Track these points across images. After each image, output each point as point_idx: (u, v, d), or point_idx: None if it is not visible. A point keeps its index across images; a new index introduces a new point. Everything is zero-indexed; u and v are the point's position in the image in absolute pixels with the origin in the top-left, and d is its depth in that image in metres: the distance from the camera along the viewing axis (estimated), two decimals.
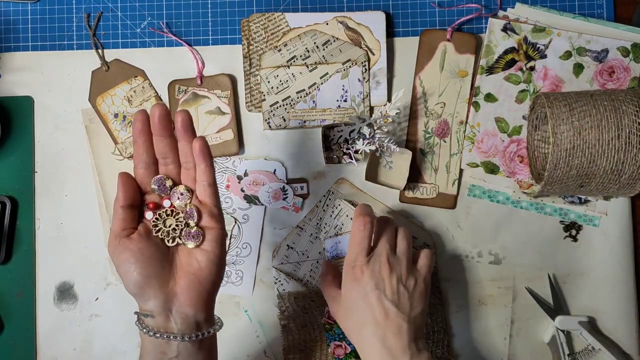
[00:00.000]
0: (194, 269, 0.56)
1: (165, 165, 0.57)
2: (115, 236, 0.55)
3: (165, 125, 0.55)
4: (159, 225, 0.56)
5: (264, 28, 0.79)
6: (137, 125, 0.55)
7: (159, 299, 0.54)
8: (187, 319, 0.55)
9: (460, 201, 0.79)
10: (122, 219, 0.55)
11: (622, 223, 0.78)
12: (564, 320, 0.76)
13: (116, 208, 0.55)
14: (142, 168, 0.57)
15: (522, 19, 0.79)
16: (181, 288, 0.55)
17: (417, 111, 0.79)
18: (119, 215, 0.55)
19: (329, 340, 0.78)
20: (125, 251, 0.54)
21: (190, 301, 0.55)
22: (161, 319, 0.54)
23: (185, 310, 0.55)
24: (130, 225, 0.56)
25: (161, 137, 0.56)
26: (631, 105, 0.68)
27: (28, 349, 0.78)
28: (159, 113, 0.55)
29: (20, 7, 0.81)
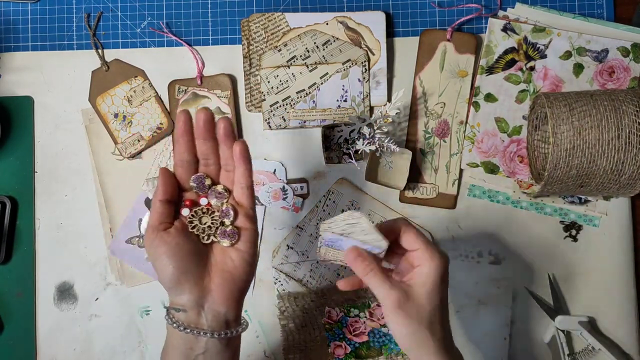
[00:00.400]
0: (229, 268, 0.57)
1: (206, 166, 0.58)
2: (153, 229, 0.55)
3: (209, 130, 0.56)
4: (194, 222, 0.57)
5: (264, 28, 0.79)
6: (180, 125, 0.56)
7: (193, 294, 0.55)
8: (218, 316, 0.55)
9: (460, 201, 0.79)
10: (160, 212, 0.56)
11: (622, 223, 0.78)
12: (564, 320, 0.76)
13: (155, 202, 0.56)
14: (182, 167, 0.58)
15: (522, 19, 0.79)
16: (215, 285, 0.56)
17: (417, 111, 0.79)
18: (157, 209, 0.56)
19: (329, 340, 0.78)
20: (163, 244, 0.55)
21: (223, 299, 0.55)
22: (193, 314, 0.55)
23: (217, 307, 0.55)
24: (168, 219, 0.56)
25: (204, 140, 0.57)
26: (631, 105, 0.68)
27: (28, 349, 0.78)
28: (204, 118, 0.56)
29: (20, 7, 0.81)
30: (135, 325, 0.79)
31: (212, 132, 0.57)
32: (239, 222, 0.58)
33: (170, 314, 0.55)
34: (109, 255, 0.79)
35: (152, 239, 0.55)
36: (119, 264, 0.79)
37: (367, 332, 0.77)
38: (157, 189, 0.56)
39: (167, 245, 0.55)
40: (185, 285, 0.55)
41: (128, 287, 0.79)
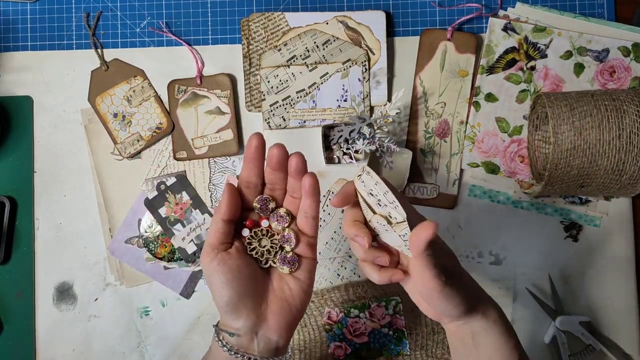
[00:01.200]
0: (286, 296, 0.55)
1: (272, 190, 0.56)
2: (212, 248, 0.53)
3: (282, 164, 0.54)
4: (253, 244, 0.54)
5: (263, 27, 0.79)
6: (252, 150, 0.53)
7: (250, 320, 0.53)
8: (269, 343, 0.53)
9: (460, 201, 0.79)
10: (222, 232, 0.53)
11: (622, 223, 0.78)
12: (565, 320, 0.76)
13: (217, 220, 0.53)
14: (248, 187, 0.55)
15: (522, 18, 0.79)
16: (272, 313, 0.54)
17: (418, 111, 0.79)
18: (218, 228, 0.53)
19: (329, 341, 0.77)
20: (224, 266, 0.52)
21: (278, 327, 0.54)
22: (246, 339, 0.53)
23: (271, 335, 0.53)
24: (228, 239, 0.53)
25: (275, 172, 0.54)
26: (632, 105, 0.68)
27: (27, 349, 0.78)
28: (278, 154, 0.53)
29: (19, 7, 0.81)
30: (135, 326, 0.79)
31: (285, 165, 0.54)
32: (299, 250, 0.55)
33: (221, 334, 0.53)
34: (108, 256, 0.79)
35: (211, 259, 0.52)
36: (118, 264, 0.79)
37: (367, 333, 0.77)
38: (221, 207, 0.53)
39: (228, 267, 0.52)
40: (242, 311, 0.52)
41: (127, 287, 0.79)
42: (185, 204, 0.79)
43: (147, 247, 0.79)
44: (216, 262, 0.52)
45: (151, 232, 0.79)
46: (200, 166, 0.79)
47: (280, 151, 0.53)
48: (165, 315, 0.79)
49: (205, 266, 0.53)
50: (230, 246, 0.54)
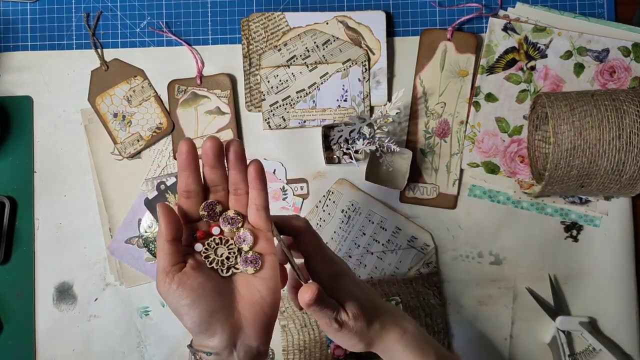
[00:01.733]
0: (256, 299, 0.52)
1: (215, 193, 0.54)
2: (166, 273, 0.50)
3: (219, 158, 0.52)
4: (210, 255, 0.52)
5: (263, 27, 0.79)
6: (184, 157, 0.51)
7: (225, 334, 0.50)
8: (250, 351, 0.51)
9: (460, 201, 0.79)
10: (170, 253, 0.50)
11: (622, 223, 0.78)
12: (565, 320, 0.76)
13: (161, 243, 0.50)
14: (189, 197, 0.53)
15: (522, 18, 0.79)
16: (247, 321, 0.51)
17: (418, 111, 0.79)
18: (165, 251, 0.50)
19: (329, 341, 0.77)
20: (184, 288, 0.49)
21: (257, 334, 0.52)
22: (225, 354, 0.50)
23: (250, 342, 0.51)
24: (180, 259, 0.51)
25: (213, 169, 0.53)
26: (632, 105, 0.68)
27: (27, 349, 0.78)
28: (214, 147, 0.51)
29: (19, 6, 0.81)
30: (135, 326, 0.79)
31: (222, 159, 0.53)
32: (259, 247, 0.53)
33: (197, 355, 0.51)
34: (108, 256, 0.79)
35: (169, 284, 0.49)
36: (118, 265, 0.79)
37: None
38: (161, 230, 0.50)
39: (189, 288, 0.49)
40: (216, 328, 0.50)
41: (127, 287, 0.79)
42: None
43: (147, 247, 0.79)
44: (174, 285, 0.49)
45: (151, 232, 0.79)
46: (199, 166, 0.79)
47: (214, 143, 0.51)
48: (165, 315, 0.79)
49: (164, 293, 0.50)
50: (184, 265, 0.51)
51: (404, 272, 0.78)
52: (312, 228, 0.57)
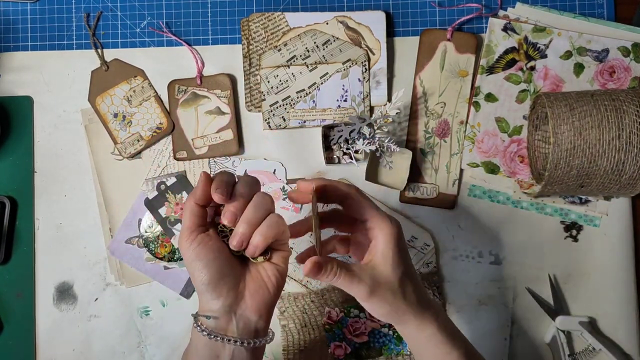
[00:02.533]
0: (262, 276, 0.56)
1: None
2: (191, 231, 0.54)
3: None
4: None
5: (263, 28, 0.79)
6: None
7: (229, 298, 0.54)
8: (248, 324, 0.55)
9: (460, 201, 0.79)
10: (197, 215, 0.55)
11: (622, 223, 0.78)
12: (565, 320, 0.76)
13: (191, 204, 0.55)
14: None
15: (522, 18, 0.79)
16: (250, 292, 0.55)
17: (418, 111, 0.79)
18: (195, 212, 0.55)
19: (329, 341, 0.77)
20: (204, 247, 0.54)
21: (256, 306, 0.55)
22: (224, 320, 0.54)
23: (249, 314, 0.55)
24: (204, 223, 0.56)
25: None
26: (632, 105, 0.68)
27: (27, 349, 0.78)
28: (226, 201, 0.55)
29: (20, 7, 0.81)
30: (135, 326, 0.79)
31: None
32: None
33: (199, 320, 0.54)
34: (108, 256, 0.79)
35: (191, 242, 0.54)
36: (118, 264, 0.79)
37: (367, 333, 0.77)
38: (196, 192, 0.55)
39: (208, 248, 0.54)
40: (222, 289, 0.54)
41: (127, 287, 0.79)
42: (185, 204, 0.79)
43: (147, 247, 0.79)
44: (196, 243, 0.54)
45: (151, 232, 0.79)
46: (200, 166, 0.79)
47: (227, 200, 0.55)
48: (165, 315, 0.79)
49: (185, 249, 0.54)
50: (207, 230, 0.56)
51: None
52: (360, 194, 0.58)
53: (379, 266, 0.55)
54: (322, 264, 0.53)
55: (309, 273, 0.53)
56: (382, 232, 0.56)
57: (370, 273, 0.55)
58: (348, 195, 0.57)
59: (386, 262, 0.55)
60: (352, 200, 0.57)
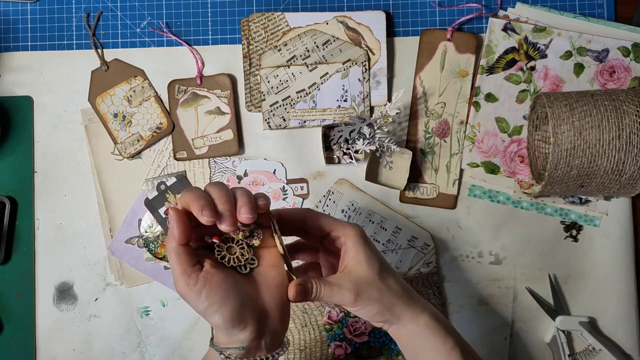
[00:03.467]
0: (276, 283, 0.53)
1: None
2: (188, 275, 0.49)
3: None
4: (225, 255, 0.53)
5: (263, 28, 0.79)
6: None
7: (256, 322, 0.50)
8: (276, 336, 0.52)
9: (460, 201, 0.79)
10: (187, 256, 0.50)
11: (622, 223, 0.78)
12: (565, 320, 0.76)
13: (174, 247, 0.50)
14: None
15: (522, 18, 0.79)
16: (270, 305, 0.52)
17: (418, 111, 0.79)
18: (181, 254, 0.50)
19: (329, 341, 0.77)
20: (211, 286, 0.49)
21: (280, 316, 0.52)
22: (253, 344, 0.51)
23: (275, 327, 0.52)
24: (195, 260, 0.50)
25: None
26: (632, 105, 0.68)
27: (27, 349, 0.78)
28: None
29: (20, 7, 0.81)
30: (135, 326, 0.79)
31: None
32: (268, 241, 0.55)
33: (227, 352, 0.50)
34: (108, 256, 0.79)
35: (193, 285, 0.49)
36: (118, 264, 0.79)
37: (367, 333, 0.77)
38: (174, 234, 0.50)
39: (214, 286, 0.49)
40: (247, 318, 0.50)
41: (127, 287, 0.79)
42: None
43: (147, 247, 0.79)
44: (200, 285, 0.49)
45: (151, 232, 0.79)
46: (200, 166, 0.79)
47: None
48: (165, 315, 0.79)
49: (189, 295, 0.49)
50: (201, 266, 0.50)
51: (404, 272, 0.78)
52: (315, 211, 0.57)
53: (355, 269, 0.55)
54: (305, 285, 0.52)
55: (297, 297, 0.52)
56: (349, 237, 0.55)
57: (349, 278, 0.54)
58: (305, 215, 0.56)
59: (360, 262, 0.55)
60: (310, 219, 0.56)
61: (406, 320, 0.56)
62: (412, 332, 0.56)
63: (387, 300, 0.55)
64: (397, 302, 0.55)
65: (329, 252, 0.60)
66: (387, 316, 0.55)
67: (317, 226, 0.56)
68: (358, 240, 0.55)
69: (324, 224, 0.56)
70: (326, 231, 0.56)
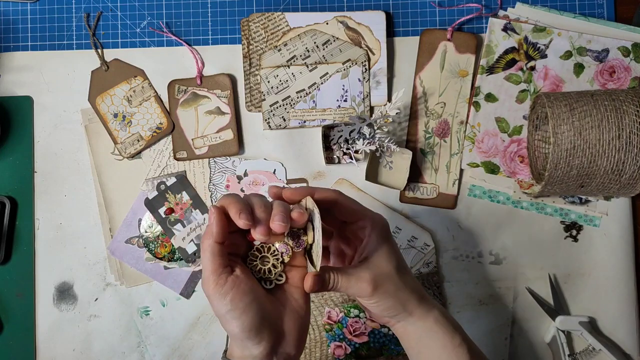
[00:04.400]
0: (296, 307, 0.52)
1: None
2: (218, 274, 0.48)
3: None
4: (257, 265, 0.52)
5: (263, 28, 0.79)
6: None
7: (271, 340, 0.49)
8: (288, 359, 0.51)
9: (460, 201, 0.79)
10: (221, 255, 0.49)
11: (622, 223, 0.78)
12: (565, 320, 0.76)
13: (211, 245, 0.49)
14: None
15: (522, 18, 0.79)
16: (288, 328, 0.51)
17: (418, 111, 0.79)
18: (217, 252, 0.49)
19: (329, 341, 0.77)
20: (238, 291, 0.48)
21: (296, 341, 0.51)
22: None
23: (289, 350, 0.51)
24: (227, 262, 0.50)
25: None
26: (632, 105, 0.68)
27: (27, 349, 0.78)
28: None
29: (20, 7, 0.81)
30: (135, 326, 0.79)
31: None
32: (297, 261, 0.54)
33: None
34: (108, 256, 0.79)
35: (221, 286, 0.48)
36: (118, 264, 0.79)
37: (367, 333, 0.77)
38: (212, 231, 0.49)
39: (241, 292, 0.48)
40: (264, 333, 0.49)
41: (127, 287, 0.79)
42: (185, 204, 0.79)
43: (147, 247, 0.79)
44: (229, 287, 0.48)
45: (151, 232, 0.79)
46: (200, 166, 0.79)
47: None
48: (165, 315, 0.79)
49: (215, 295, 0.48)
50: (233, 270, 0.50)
51: None
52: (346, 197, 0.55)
53: (375, 261, 0.54)
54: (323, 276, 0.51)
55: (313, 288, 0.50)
56: (375, 228, 0.55)
57: (367, 270, 0.53)
58: (336, 199, 0.55)
59: (381, 255, 0.54)
60: (341, 202, 0.55)
61: (416, 316, 0.56)
62: (420, 329, 0.56)
63: (402, 296, 0.54)
64: (410, 299, 0.55)
65: (343, 238, 0.58)
66: (399, 311, 0.55)
67: (346, 211, 0.55)
68: (383, 232, 0.55)
69: (355, 211, 0.55)
70: (355, 218, 0.55)
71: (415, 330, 0.56)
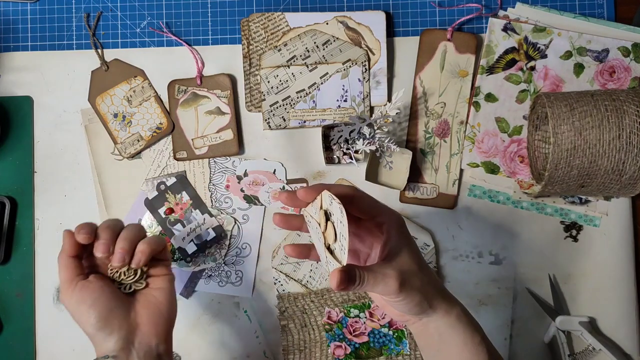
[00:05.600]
0: (152, 301, 0.59)
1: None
2: (70, 281, 0.57)
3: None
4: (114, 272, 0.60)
5: (263, 28, 0.79)
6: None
7: (123, 330, 0.55)
8: (149, 350, 0.56)
9: (460, 201, 0.79)
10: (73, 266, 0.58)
11: (622, 223, 0.78)
12: (565, 320, 0.76)
13: (64, 258, 0.58)
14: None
15: (522, 18, 0.79)
16: (142, 318, 0.57)
17: (418, 111, 0.79)
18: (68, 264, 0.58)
19: (329, 341, 0.77)
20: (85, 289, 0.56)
21: (153, 330, 0.57)
22: (124, 354, 0.55)
23: (148, 340, 0.56)
24: (82, 272, 0.58)
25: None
26: (632, 105, 0.68)
27: (27, 349, 0.78)
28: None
29: (20, 7, 0.81)
30: None
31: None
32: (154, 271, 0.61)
33: None
34: None
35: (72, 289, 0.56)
36: None
37: (367, 333, 0.77)
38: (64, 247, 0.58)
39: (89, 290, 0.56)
40: (113, 323, 0.55)
41: None
42: (185, 204, 0.79)
43: None
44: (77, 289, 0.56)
45: (151, 232, 0.79)
46: (200, 166, 0.79)
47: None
48: None
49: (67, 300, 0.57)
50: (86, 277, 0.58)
51: None
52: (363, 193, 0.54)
53: (399, 258, 0.53)
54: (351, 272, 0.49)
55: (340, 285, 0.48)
56: (393, 225, 0.53)
57: (392, 267, 0.52)
58: (353, 195, 0.53)
59: (404, 251, 0.53)
60: (358, 199, 0.53)
61: (441, 312, 0.55)
62: (442, 326, 0.55)
63: (427, 291, 0.53)
64: (435, 294, 0.54)
65: (356, 236, 0.57)
66: (425, 307, 0.54)
67: (363, 208, 0.54)
68: (402, 229, 0.54)
69: (372, 208, 0.54)
70: (372, 215, 0.54)
71: (437, 327, 0.55)
